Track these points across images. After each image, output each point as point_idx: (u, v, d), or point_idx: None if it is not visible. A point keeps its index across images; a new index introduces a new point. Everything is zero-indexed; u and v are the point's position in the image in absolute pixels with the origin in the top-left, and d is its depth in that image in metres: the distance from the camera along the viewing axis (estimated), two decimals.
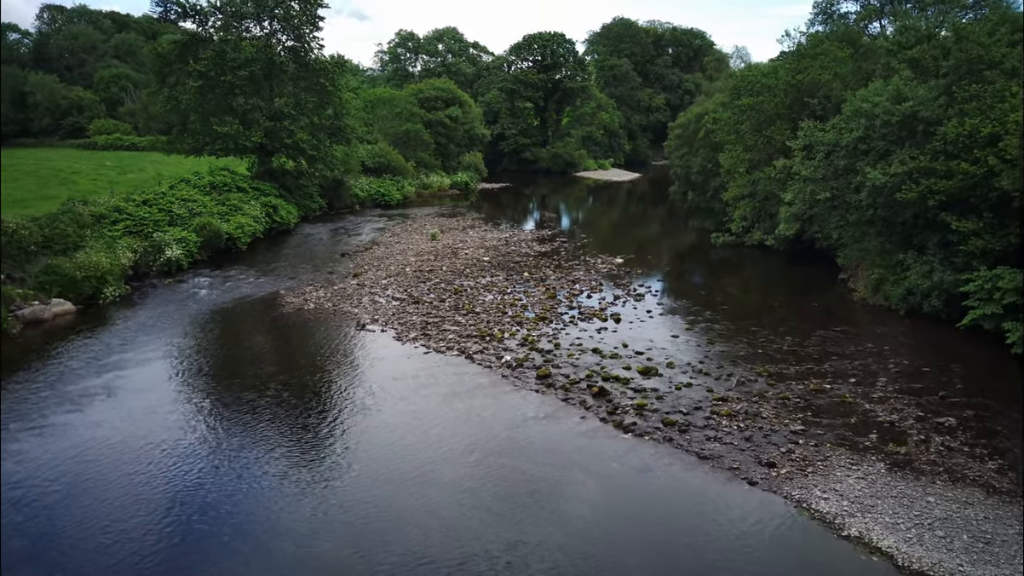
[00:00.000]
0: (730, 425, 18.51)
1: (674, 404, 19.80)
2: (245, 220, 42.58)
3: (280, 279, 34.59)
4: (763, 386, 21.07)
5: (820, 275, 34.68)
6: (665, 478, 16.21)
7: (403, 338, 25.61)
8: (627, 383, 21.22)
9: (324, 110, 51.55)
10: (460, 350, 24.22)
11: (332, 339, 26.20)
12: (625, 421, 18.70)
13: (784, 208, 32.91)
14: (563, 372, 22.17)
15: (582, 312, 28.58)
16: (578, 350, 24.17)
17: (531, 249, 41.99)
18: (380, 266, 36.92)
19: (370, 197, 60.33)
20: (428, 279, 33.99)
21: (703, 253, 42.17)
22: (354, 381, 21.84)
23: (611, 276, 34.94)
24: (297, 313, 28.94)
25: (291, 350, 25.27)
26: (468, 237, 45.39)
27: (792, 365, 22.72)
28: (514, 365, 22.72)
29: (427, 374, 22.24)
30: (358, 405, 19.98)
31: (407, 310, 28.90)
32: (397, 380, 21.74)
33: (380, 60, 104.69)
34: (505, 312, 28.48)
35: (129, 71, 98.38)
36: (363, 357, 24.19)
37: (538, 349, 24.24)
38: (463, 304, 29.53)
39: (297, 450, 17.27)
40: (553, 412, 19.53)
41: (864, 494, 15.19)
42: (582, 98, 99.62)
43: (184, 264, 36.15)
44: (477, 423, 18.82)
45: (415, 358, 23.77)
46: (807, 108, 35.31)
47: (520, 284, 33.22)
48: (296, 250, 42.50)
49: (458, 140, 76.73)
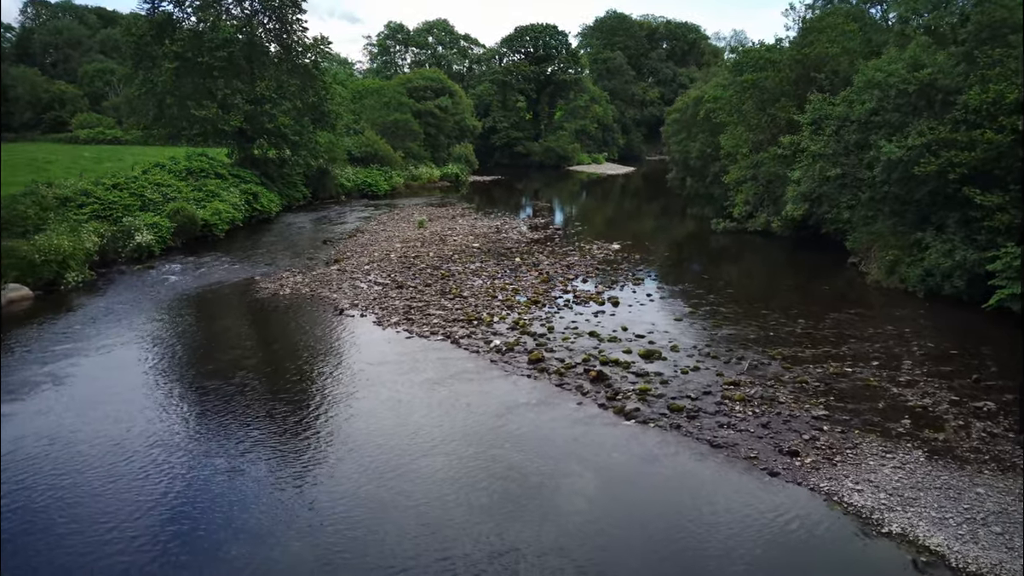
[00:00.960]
0: (744, 411, 16.58)
1: (681, 389, 17.87)
2: (223, 206, 40.51)
3: (256, 265, 32.57)
4: (778, 369, 19.15)
5: (827, 260, 32.81)
6: (673, 469, 14.26)
7: (384, 323, 23.63)
8: (628, 367, 19.28)
9: (307, 94, 49.46)
10: (445, 335, 22.25)
11: (307, 324, 24.21)
12: (627, 407, 16.75)
13: (792, 187, 31.03)
14: (557, 356, 20.21)
15: (577, 296, 26.63)
16: (574, 334, 22.23)
17: (523, 236, 40.05)
18: (363, 252, 34.92)
19: (356, 187, 58.31)
20: (413, 265, 32.00)
21: (703, 240, 40.27)
22: (329, 367, 19.85)
23: (608, 261, 33.00)
24: (272, 299, 26.94)
25: (263, 336, 23.27)
26: (457, 225, 43.41)
27: (807, 348, 20.80)
28: (504, 350, 20.76)
29: (409, 359, 20.26)
30: (331, 392, 18.01)
31: (389, 295, 26.91)
32: (376, 366, 19.76)
33: (369, 53, 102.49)
34: (495, 296, 26.51)
35: (114, 66, 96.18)
36: (340, 342, 22.21)
37: (530, 333, 22.28)
38: (450, 289, 27.56)
39: (261, 443, 15.27)
40: (546, 398, 17.58)
41: (903, 485, 13.26)
42: (575, 91, 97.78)
43: (156, 250, 34.12)
44: (462, 411, 16.85)
45: (396, 343, 21.79)
46: (814, 83, 33.46)
47: (511, 269, 31.26)
48: (276, 238, 40.47)
49: (448, 131, 74.74)
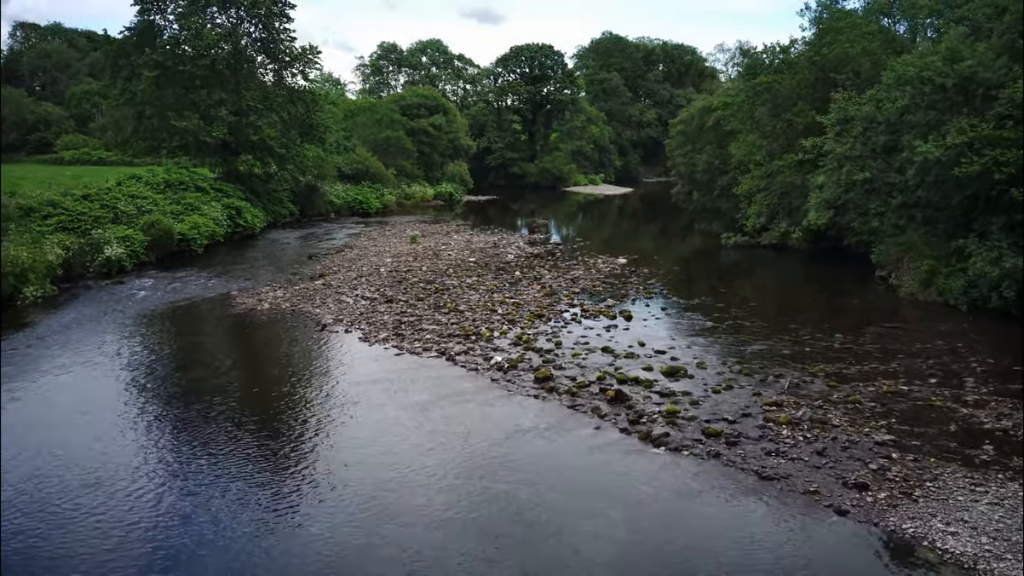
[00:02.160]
0: (793, 435, 14.04)
1: (714, 410, 15.33)
2: (202, 221, 38.02)
3: (235, 280, 30.03)
4: (823, 388, 16.64)
5: (851, 274, 30.43)
6: (717, 506, 11.70)
7: (371, 339, 21.08)
8: (650, 386, 16.74)
9: (294, 106, 47.20)
10: (440, 351, 19.70)
11: (286, 342, 21.66)
12: (654, 432, 14.20)
13: (815, 193, 28.71)
14: (568, 374, 17.67)
15: (585, 310, 24.14)
16: (584, 349, 19.70)
17: (522, 251, 37.62)
18: (351, 267, 32.41)
19: (347, 205, 55.87)
20: (405, 279, 29.50)
21: (714, 254, 37.89)
22: (307, 388, 17.26)
23: (615, 275, 30.55)
24: (248, 314, 24.39)
25: (235, 355, 20.67)
26: (452, 240, 40.98)
27: (852, 364, 18.30)
28: (506, 367, 18.22)
29: (398, 379, 17.69)
30: (309, 418, 15.42)
31: (378, 309, 24.38)
32: (361, 386, 17.19)
33: (361, 74, 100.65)
34: (494, 310, 24.00)
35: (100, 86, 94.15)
36: (321, 360, 19.65)
37: (535, 349, 19.75)
38: (445, 303, 25.05)
39: (225, 481, 12.67)
40: (558, 421, 15.02)
41: (1007, 527, 10.72)
42: (571, 111, 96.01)
43: (127, 265, 31.53)
44: (460, 438, 14.28)
45: (384, 360, 19.23)
46: (833, 86, 31.32)
47: (511, 283, 28.78)
48: (259, 253, 37.97)
49: (442, 150, 72.57)
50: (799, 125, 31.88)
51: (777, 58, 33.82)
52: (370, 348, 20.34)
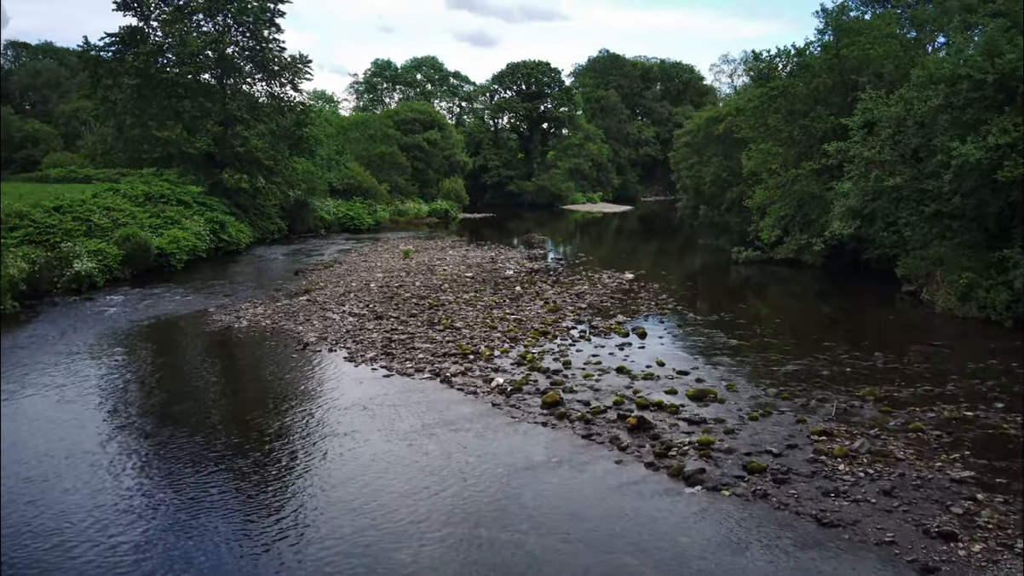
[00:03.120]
0: (852, 471, 11.85)
1: (754, 441, 13.14)
2: (182, 235, 35.83)
3: (213, 297, 27.85)
4: (875, 414, 14.47)
5: (874, 290, 28.41)
6: (774, 561, 9.49)
7: (357, 358, 18.87)
8: (676, 412, 14.56)
9: (283, 116, 45.24)
10: (433, 372, 17.51)
11: (262, 362, 19.45)
12: (686, 467, 11.99)
13: (839, 201, 26.66)
14: (580, 398, 15.47)
15: (594, 326, 21.99)
16: (597, 370, 17.52)
17: (522, 267, 35.53)
18: (339, 283, 30.25)
19: (338, 221, 53.79)
20: (397, 295, 27.35)
21: (724, 270, 35.84)
22: (281, 416, 15.03)
23: (624, 291, 28.43)
24: (223, 332, 22.20)
25: (203, 377, 18.43)
26: (447, 256, 38.88)
27: (902, 387, 16.15)
28: (509, 390, 16.03)
29: (386, 404, 15.48)
30: (279, 452, 13.19)
31: (366, 327, 22.19)
32: (343, 412, 14.98)
33: (355, 91, 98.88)
34: (494, 327, 21.83)
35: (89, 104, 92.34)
36: (300, 383, 17.42)
37: (541, 369, 17.56)
38: (439, 319, 22.88)
39: (174, 536, 10.43)
40: (571, 454, 12.82)
41: None
42: (569, 128, 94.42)
43: (99, 281, 29.28)
44: (455, 474, 12.06)
45: (371, 383, 17.03)
46: (853, 89, 29.46)
47: (512, 299, 26.64)
48: (243, 269, 35.83)
49: (437, 166, 70.72)
50: (817, 131, 29.95)
51: (792, 62, 31.94)
52: (356, 369, 18.14)
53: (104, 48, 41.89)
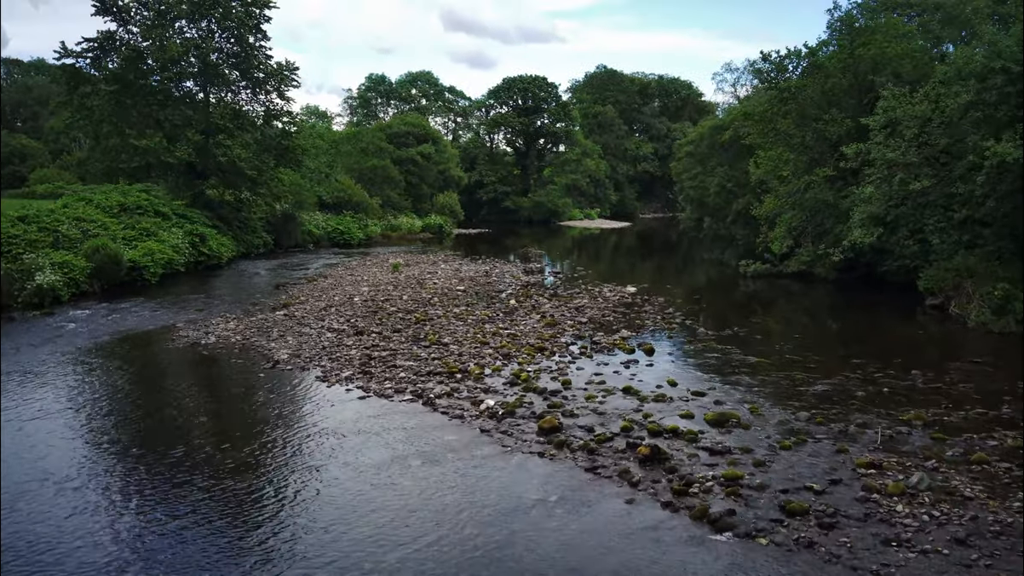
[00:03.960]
0: (913, 513, 9.80)
1: (790, 475, 11.09)
2: (157, 247, 33.80)
3: (184, 312, 25.81)
4: (926, 442, 12.42)
5: (894, 304, 26.45)
6: None
7: (331, 378, 16.82)
8: (694, 440, 12.49)
9: (269, 125, 43.38)
10: (415, 393, 15.44)
11: (223, 381, 17.42)
12: (712, 508, 9.94)
13: (860, 208, 24.71)
14: (582, 423, 13.41)
15: (596, 342, 19.95)
16: (600, 390, 15.47)
17: (517, 280, 33.54)
18: (321, 297, 28.23)
19: (327, 235, 51.78)
20: (381, 309, 25.32)
21: (731, 284, 33.85)
22: (231, 447, 12.93)
23: (626, 305, 26.42)
24: (187, 350, 20.15)
25: (151, 399, 16.31)
26: (439, 269, 36.87)
27: (951, 410, 14.11)
28: (500, 413, 13.97)
29: (357, 430, 13.42)
30: (226, 492, 11.09)
31: (344, 343, 20.14)
32: (307, 442, 12.91)
33: (349, 107, 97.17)
34: (485, 343, 19.78)
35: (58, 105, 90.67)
36: (261, 407, 15.34)
37: (537, 389, 15.51)
38: (426, 334, 20.82)
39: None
40: (574, 491, 10.76)
41: None
42: (566, 144, 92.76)
43: (63, 294, 27.25)
44: (433, 517, 10.00)
45: (344, 405, 14.97)
46: (870, 90, 27.65)
47: (506, 312, 24.63)
48: (222, 283, 33.81)
49: (431, 180, 68.87)
50: (832, 135, 28.07)
51: (802, 63, 30.12)
52: (328, 390, 16.08)
53: (82, 54, 40.05)
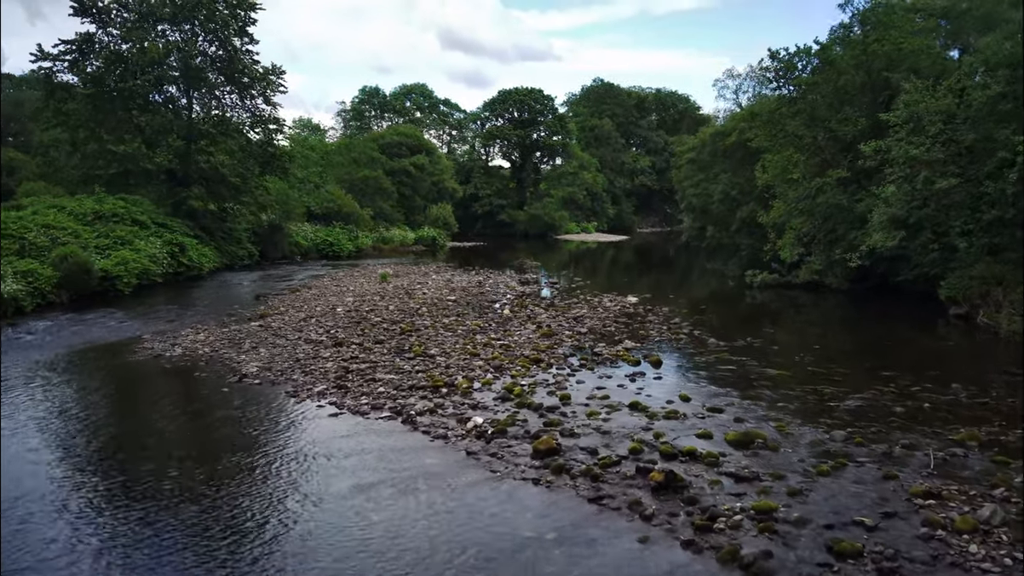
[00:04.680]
0: (992, 555, 8.00)
1: (834, 507, 9.28)
2: (132, 256, 32.01)
3: (153, 323, 24.01)
4: (987, 466, 10.63)
5: (914, 314, 24.80)
6: None
7: (301, 393, 15.01)
8: (716, 463, 10.70)
9: (254, 130, 41.75)
10: (395, 410, 13.63)
11: (181, 397, 15.60)
12: (743, 549, 8.14)
13: (880, 209, 23.04)
14: (584, 444, 11.61)
15: (597, 353, 18.17)
16: (604, 406, 13.68)
17: (512, 290, 31.79)
18: (303, 307, 26.45)
19: (315, 247, 49.98)
20: (365, 319, 23.54)
21: (738, 295, 32.13)
22: (178, 466, 11.11)
23: (628, 315, 24.66)
24: (149, 362, 18.34)
25: (99, 416, 14.46)
26: (430, 280, 35.10)
27: (1007, 428, 12.31)
28: (490, 433, 12.16)
29: (325, 452, 11.62)
30: (167, 520, 9.25)
31: (320, 355, 18.34)
32: (265, 467, 11.10)
33: (342, 119, 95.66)
34: (476, 354, 18.00)
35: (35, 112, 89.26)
36: (218, 426, 13.51)
37: (532, 405, 13.70)
38: (411, 346, 19.04)
39: None
40: (575, 528, 8.94)
41: None
42: (563, 157, 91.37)
43: (26, 305, 25.43)
44: (406, 558, 8.19)
45: (311, 423, 13.16)
46: (886, 88, 26.08)
47: (500, 322, 22.87)
48: (201, 294, 32.03)
49: (424, 192, 67.25)
50: (846, 134, 26.46)
51: (812, 61, 28.55)
52: (297, 406, 14.26)
53: (59, 57, 38.42)
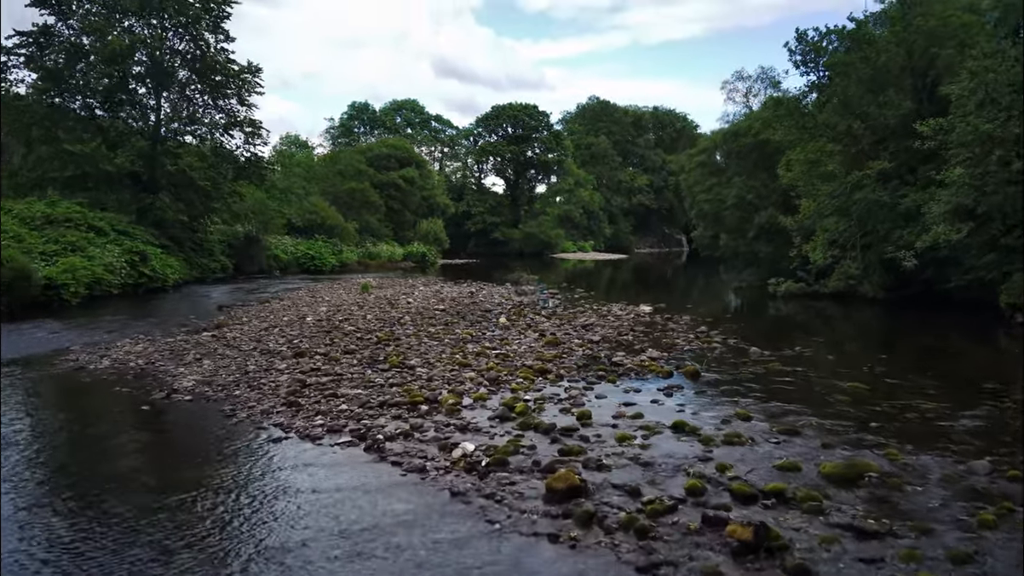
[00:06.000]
0: None
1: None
2: (82, 264, 28.52)
3: (91, 334, 20.53)
4: None
5: (969, 325, 21.58)
6: None
7: (239, 412, 11.56)
8: (818, 509, 7.22)
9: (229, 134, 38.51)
10: (358, 433, 10.15)
11: (91, 416, 12.15)
12: None
13: (942, 198, 19.77)
14: (618, 481, 8.13)
15: (617, 364, 14.75)
16: (637, 427, 10.22)
17: (508, 299, 28.41)
18: (268, 317, 23.01)
19: (296, 261, 46.46)
20: (337, 328, 20.10)
21: (761, 305, 28.78)
22: (71, 506, 7.61)
23: (644, 324, 21.27)
24: (67, 376, 14.91)
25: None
26: (417, 292, 31.65)
27: None
28: (485, 464, 8.69)
29: (256, 492, 8.16)
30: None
31: (275, 367, 14.88)
32: (169, 511, 7.60)
33: (330, 136, 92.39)
34: (466, 364, 14.55)
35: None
36: (124, 452, 10.04)
37: (540, 426, 10.22)
38: (387, 356, 15.58)
39: None
40: None
41: None
42: (558, 174, 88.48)
43: None
44: None
45: (245, 452, 9.71)
46: (931, 66, 23.01)
47: (495, 330, 19.49)
48: (161, 305, 28.60)
49: (414, 207, 64.00)
50: (890, 119, 23.29)
51: (845, 42, 25.43)
52: (231, 428, 10.81)
53: (12, 50, 35.19)
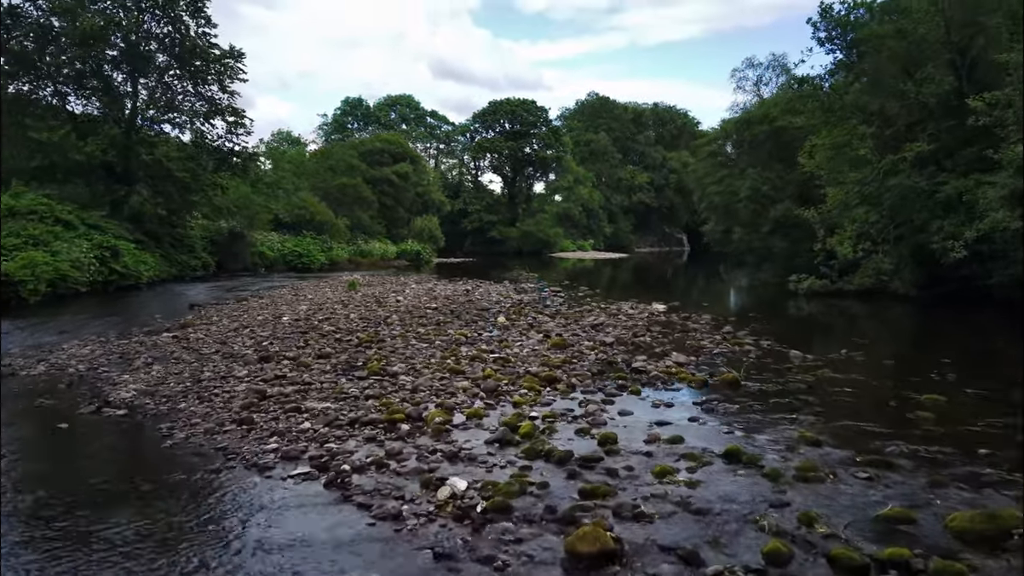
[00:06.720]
0: None
1: None
2: (44, 259, 26.25)
3: (38, 335, 18.25)
4: None
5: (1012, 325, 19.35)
6: None
7: (180, 429, 9.30)
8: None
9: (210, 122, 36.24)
10: (319, 462, 7.86)
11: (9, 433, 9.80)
12: None
13: (1000, 179, 17.54)
14: (662, 538, 5.85)
15: (638, 370, 12.47)
16: (678, 455, 7.92)
17: (507, 297, 26.15)
18: (241, 317, 20.71)
19: (282, 258, 44.15)
20: (314, 329, 17.81)
21: (780, 304, 26.50)
22: None
23: (660, 323, 18.98)
24: None
25: None
26: (408, 290, 29.35)
27: None
28: (480, 510, 6.41)
29: (172, 548, 5.85)
30: None
31: (234, 374, 12.59)
32: (50, 561, 5.31)
33: (323, 132, 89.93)
34: (459, 371, 12.27)
35: None
36: (23, 481, 7.71)
37: (552, 454, 7.90)
38: (367, 360, 13.30)
39: None
40: None
41: None
42: (557, 171, 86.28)
43: None
44: None
45: (169, 493, 7.39)
46: (974, 36, 20.83)
47: (493, 330, 17.23)
48: (129, 304, 26.27)
49: (408, 204, 61.74)
50: (931, 96, 21.09)
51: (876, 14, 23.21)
52: (160, 454, 8.54)
53: None
